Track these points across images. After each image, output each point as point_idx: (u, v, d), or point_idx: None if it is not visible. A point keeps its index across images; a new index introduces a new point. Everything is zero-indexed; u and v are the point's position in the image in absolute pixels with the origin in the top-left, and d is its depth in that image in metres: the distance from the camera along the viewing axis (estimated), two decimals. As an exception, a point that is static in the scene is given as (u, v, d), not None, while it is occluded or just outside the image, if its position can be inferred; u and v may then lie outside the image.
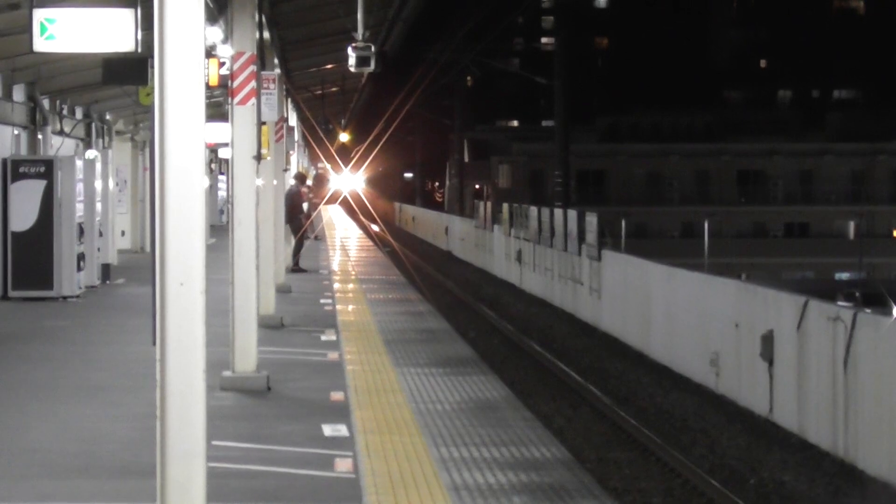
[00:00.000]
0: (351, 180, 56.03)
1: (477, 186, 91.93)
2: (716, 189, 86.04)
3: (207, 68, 18.08)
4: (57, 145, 27.11)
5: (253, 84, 15.31)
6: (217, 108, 32.50)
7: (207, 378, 7.76)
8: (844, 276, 70.10)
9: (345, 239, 53.41)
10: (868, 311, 19.27)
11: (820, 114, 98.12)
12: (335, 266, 36.11)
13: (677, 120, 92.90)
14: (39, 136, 25.98)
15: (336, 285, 29.47)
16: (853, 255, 65.87)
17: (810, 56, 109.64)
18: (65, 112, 28.55)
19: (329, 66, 37.08)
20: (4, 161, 23.66)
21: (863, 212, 77.01)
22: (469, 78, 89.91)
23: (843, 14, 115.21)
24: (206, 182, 7.87)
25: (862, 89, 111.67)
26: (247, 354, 15.05)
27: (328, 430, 12.69)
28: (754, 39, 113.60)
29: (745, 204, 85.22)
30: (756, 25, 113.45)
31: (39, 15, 14.87)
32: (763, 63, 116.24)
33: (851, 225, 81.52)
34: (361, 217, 72.39)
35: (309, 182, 41.04)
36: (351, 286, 29.75)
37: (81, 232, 24.21)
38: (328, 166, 61.56)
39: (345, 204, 79.56)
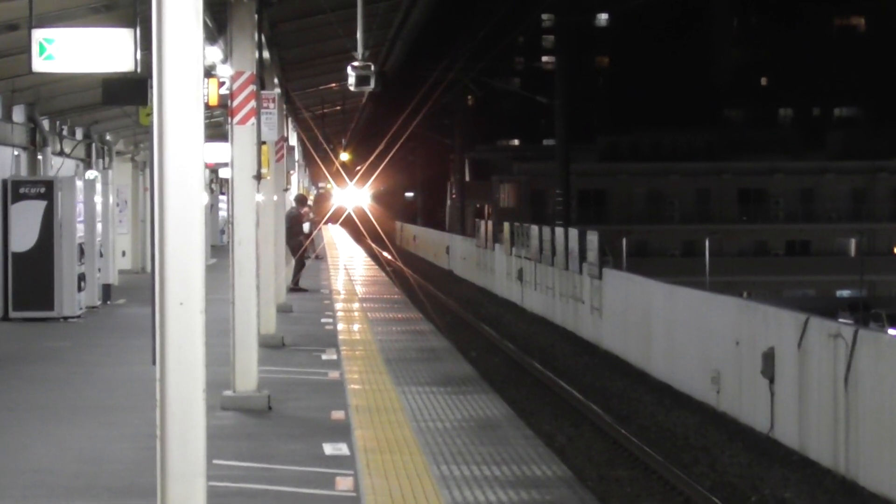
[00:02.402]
0: (355, 197, 55.96)
1: (478, 206, 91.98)
2: (717, 207, 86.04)
3: (207, 88, 18.15)
4: (57, 166, 27.14)
5: (252, 104, 15.33)
6: (217, 128, 32.56)
7: (208, 398, 7.76)
8: (846, 293, 70.06)
9: (346, 258, 53.42)
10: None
11: (821, 132, 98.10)
12: (336, 285, 36.12)
13: (678, 138, 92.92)
14: (39, 157, 26.01)
15: (337, 304, 29.47)
16: (854, 273, 65.84)
17: (811, 74, 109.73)
18: (65, 133, 28.59)
19: (332, 86, 37.15)
20: (4, 182, 23.69)
21: (863, 229, 76.95)
22: (469, 97, 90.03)
23: (844, 32, 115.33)
24: (205, 199, 7.89)
25: (863, 107, 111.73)
26: (247, 374, 15.05)
27: (329, 448, 12.69)
28: (755, 58, 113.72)
29: (746, 222, 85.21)
30: (756, 44, 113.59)
31: (38, 35, 14.92)
32: (764, 81, 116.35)
33: (852, 242, 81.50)
34: (369, 240, 72.21)
35: (310, 202, 41.06)
36: (352, 305, 29.75)
37: (82, 252, 24.22)
38: (332, 183, 61.47)
39: (348, 224, 79.04)
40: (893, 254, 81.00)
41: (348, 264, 48.56)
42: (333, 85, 36.60)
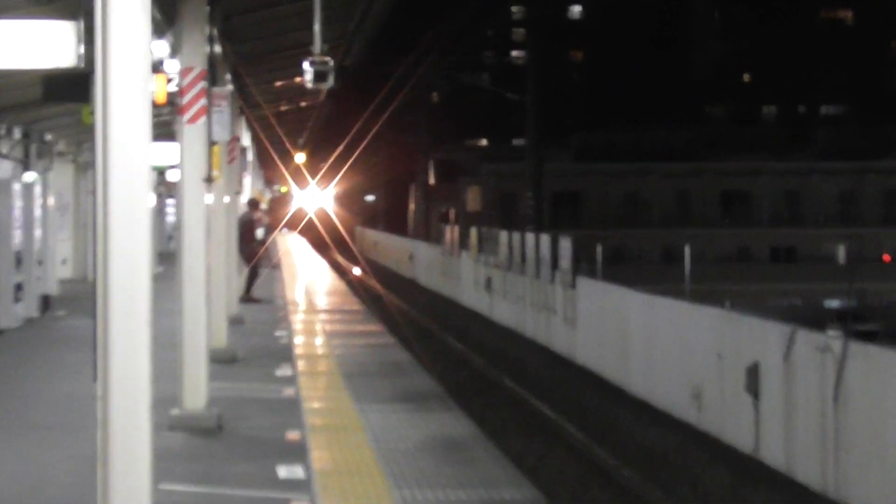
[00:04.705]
0: (315, 200, 55.82)
1: (443, 210, 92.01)
2: (697, 210, 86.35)
3: (154, 85, 18.07)
4: (-7, 167, 27.00)
5: (203, 101, 15.28)
6: (165, 128, 32.44)
7: (154, 416, 7.73)
8: (834, 303, 70.31)
9: (303, 266, 53.34)
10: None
11: (806, 130, 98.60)
12: (292, 296, 36.06)
13: (656, 137, 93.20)
14: (-26, 158, 25.88)
15: (293, 316, 29.42)
16: (842, 281, 66.13)
17: (796, 69, 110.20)
18: (2, 132, 28.45)
19: (289, 82, 37.09)
20: (-63, 184, 23.59)
21: (852, 234, 77.31)
22: (435, 94, 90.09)
23: (831, 25, 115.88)
24: (152, 202, 7.86)
25: (850, 104, 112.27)
26: (197, 390, 14.99)
27: (284, 471, 12.66)
28: (737, 52, 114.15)
29: (729, 226, 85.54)
30: (739, 37, 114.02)
31: (-27, 28, 14.80)
32: (747, 77, 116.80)
33: (841, 248, 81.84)
34: (329, 245, 72.00)
35: (263, 206, 40.99)
36: (309, 317, 29.71)
37: (19, 260, 24.11)
38: (293, 184, 61.42)
39: (308, 231, 78.56)
40: (882, 260, 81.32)
41: (305, 273, 48.49)
42: (297, 79, 36.51)
